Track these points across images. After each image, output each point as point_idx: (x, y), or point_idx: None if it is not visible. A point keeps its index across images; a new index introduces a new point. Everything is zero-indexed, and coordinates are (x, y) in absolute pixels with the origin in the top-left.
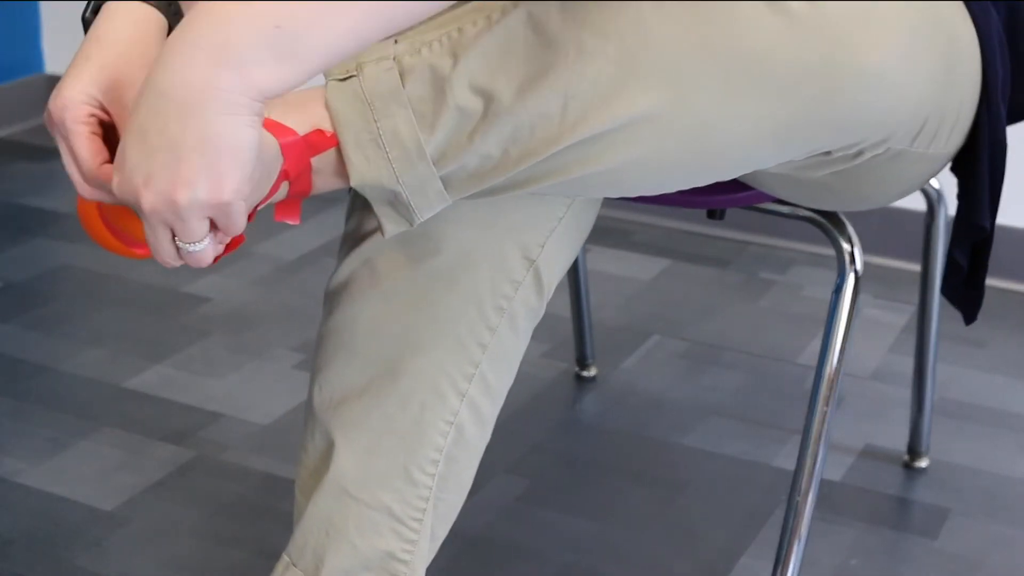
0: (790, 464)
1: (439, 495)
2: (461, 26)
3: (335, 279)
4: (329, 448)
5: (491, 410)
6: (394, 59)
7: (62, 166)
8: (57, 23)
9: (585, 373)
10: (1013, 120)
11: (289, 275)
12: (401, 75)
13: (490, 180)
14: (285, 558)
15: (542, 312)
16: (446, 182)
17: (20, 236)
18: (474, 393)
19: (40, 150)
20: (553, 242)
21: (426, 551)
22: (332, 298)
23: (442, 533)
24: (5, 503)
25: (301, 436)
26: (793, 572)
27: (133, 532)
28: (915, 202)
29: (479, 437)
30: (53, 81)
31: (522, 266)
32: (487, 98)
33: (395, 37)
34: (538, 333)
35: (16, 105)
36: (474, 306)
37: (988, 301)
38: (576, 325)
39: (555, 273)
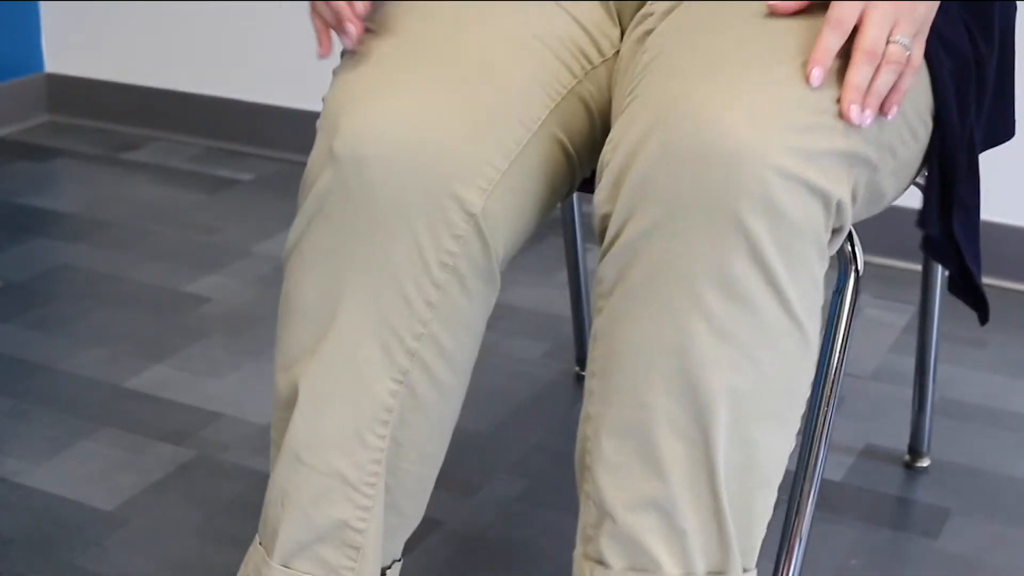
0: (790, 464)
1: (398, 463)
2: None
3: (286, 246)
4: (289, 417)
5: (451, 378)
6: None
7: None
8: (57, 23)
9: (585, 373)
10: (989, 145)
11: None
12: None
13: None
14: (256, 536)
15: (497, 279)
16: None
17: (20, 236)
18: (426, 355)
19: (40, 150)
20: (497, 201)
21: (381, 521)
22: (285, 266)
23: (413, 510)
24: (5, 503)
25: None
26: (793, 572)
27: (133, 532)
28: (915, 202)
29: (439, 405)
30: (53, 81)
31: (462, 219)
32: None
33: None
34: (538, 333)
35: (16, 105)
36: (417, 259)
37: (988, 301)
38: (576, 325)
39: (503, 235)
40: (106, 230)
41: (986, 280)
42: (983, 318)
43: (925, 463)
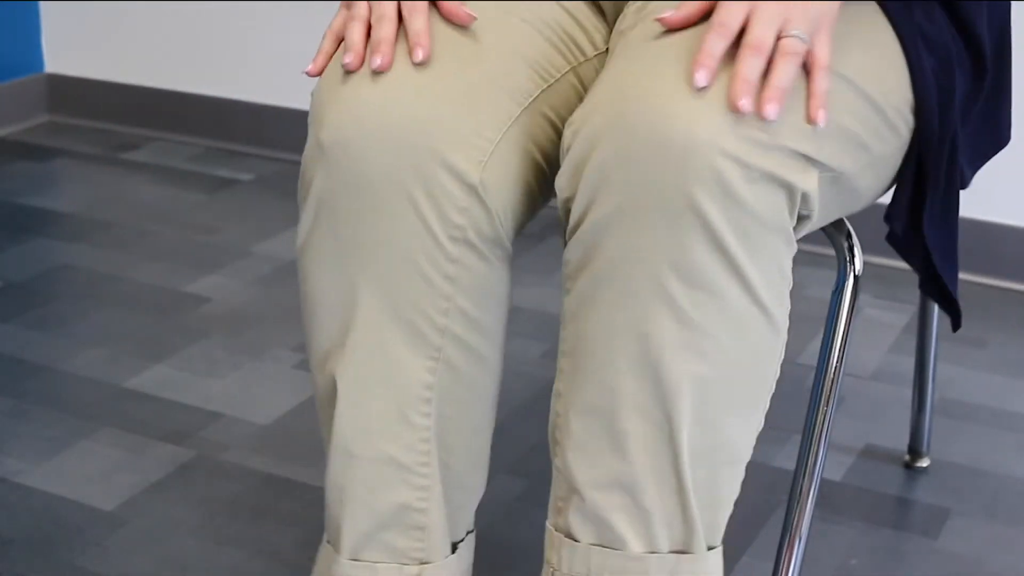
0: (790, 464)
1: (449, 440)
2: None
3: (296, 247)
4: (333, 414)
5: (486, 346)
6: None
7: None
8: (57, 23)
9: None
10: (989, 153)
11: (289, 275)
12: None
13: None
14: (324, 537)
15: (509, 252)
16: None
17: (20, 236)
18: (457, 328)
19: (40, 150)
20: (493, 172)
21: (442, 499)
22: (299, 266)
23: (475, 482)
24: (5, 503)
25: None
26: (793, 572)
27: (133, 532)
28: None
29: (482, 375)
30: (53, 81)
31: (461, 191)
32: None
33: None
34: (538, 333)
35: (16, 105)
36: (425, 235)
37: (988, 301)
38: None
39: (505, 208)
40: (106, 230)
41: (986, 280)
42: (955, 324)
43: (925, 463)
